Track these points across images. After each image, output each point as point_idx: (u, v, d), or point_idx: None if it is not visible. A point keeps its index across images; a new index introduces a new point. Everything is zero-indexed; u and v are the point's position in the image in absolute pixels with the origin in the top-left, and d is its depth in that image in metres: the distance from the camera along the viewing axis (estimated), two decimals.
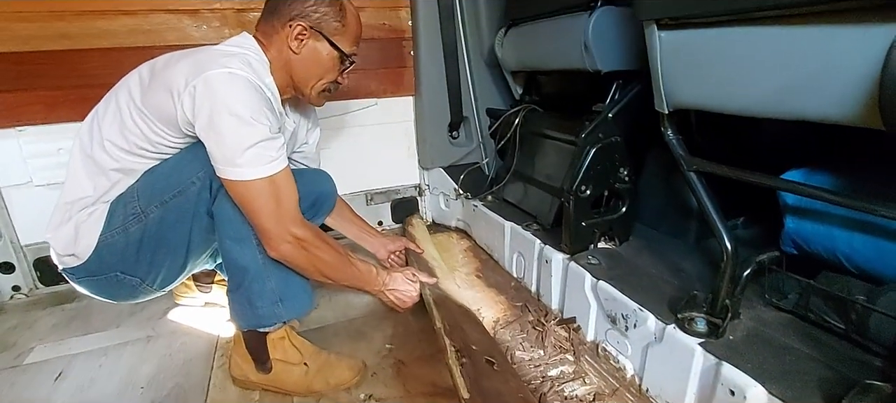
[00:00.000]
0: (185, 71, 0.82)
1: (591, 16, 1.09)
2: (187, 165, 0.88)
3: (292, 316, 0.96)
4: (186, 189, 0.87)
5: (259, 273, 0.89)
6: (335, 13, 0.95)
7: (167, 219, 0.88)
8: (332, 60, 0.98)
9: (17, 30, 1.26)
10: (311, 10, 0.93)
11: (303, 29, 0.93)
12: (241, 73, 0.83)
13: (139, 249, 0.89)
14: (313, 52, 0.96)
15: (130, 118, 0.86)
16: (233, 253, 0.89)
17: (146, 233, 0.88)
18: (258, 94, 0.84)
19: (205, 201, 0.88)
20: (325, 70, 0.99)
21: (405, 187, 1.86)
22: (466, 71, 1.70)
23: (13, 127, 1.33)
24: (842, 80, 0.60)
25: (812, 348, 0.75)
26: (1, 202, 1.36)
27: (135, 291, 0.95)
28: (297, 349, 0.98)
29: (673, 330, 0.82)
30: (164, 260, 0.93)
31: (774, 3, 0.63)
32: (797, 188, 0.74)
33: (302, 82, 0.99)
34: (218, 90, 0.80)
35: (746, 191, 0.82)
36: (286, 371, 0.97)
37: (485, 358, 0.90)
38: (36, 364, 1.11)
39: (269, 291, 0.91)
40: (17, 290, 1.43)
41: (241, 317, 0.94)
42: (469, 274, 1.41)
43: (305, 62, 0.96)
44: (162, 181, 0.88)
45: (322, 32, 0.95)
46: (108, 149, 0.87)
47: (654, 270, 1.04)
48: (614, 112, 1.11)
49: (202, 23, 1.42)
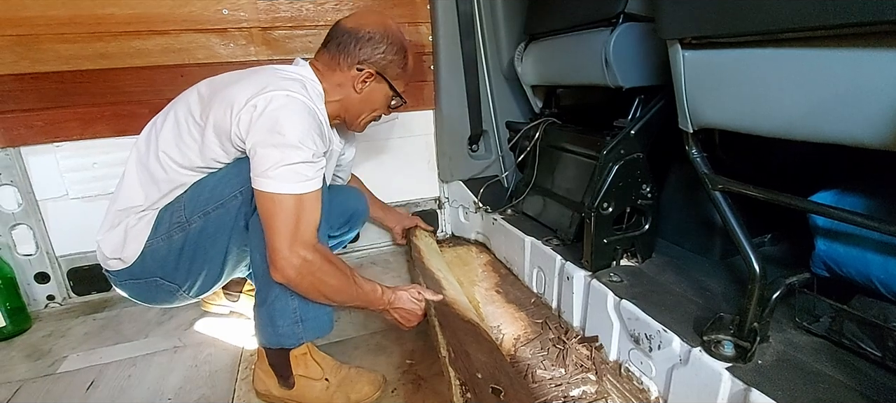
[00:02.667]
0: (247, 90, 0.87)
1: (613, 33, 1.09)
2: (231, 179, 0.91)
3: (311, 337, 0.97)
4: (228, 201, 0.91)
5: (284, 290, 0.91)
6: (400, 61, 1.05)
7: (208, 230, 0.92)
8: (387, 98, 1.09)
9: (60, 50, 1.32)
10: (381, 57, 1.01)
11: (370, 74, 1.01)
12: (299, 97, 0.88)
13: (180, 257, 0.93)
14: (372, 92, 1.05)
15: (188, 131, 0.91)
16: (264, 268, 0.90)
17: (187, 242, 0.92)
18: (311, 118, 0.88)
19: (244, 215, 0.92)
20: (377, 106, 1.09)
21: (425, 200, 1.87)
22: (486, 85, 1.71)
23: (51, 142, 1.39)
24: (871, 104, 0.59)
25: (846, 375, 0.72)
26: (38, 215, 1.42)
27: (172, 296, 1.00)
28: (318, 364, 1.00)
29: (699, 353, 0.80)
30: (202, 268, 0.97)
31: (801, 25, 0.62)
32: (828, 211, 0.72)
33: (354, 116, 1.08)
34: (275, 110, 0.84)
35: (773, 206, 0.80)
36: (308, 387, 0.98)
37: (491, 387, 0.86)
38: (69, 373, 1.15)
39: (290, 311, 0.93)
40: (52, 299, 1.49)
41: (264, 334, 0.96)
42: (488, 289, 1.41)
43: (364, 101, 1.06)
44: (206, 193, 0.92)
45: (386, 77, 1.04)
46: (162, 161, 0.92)
47: (677, 289, 1.02)
48: (637, 129, 1.10)
49: (230, 41, 1.47)
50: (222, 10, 1.43)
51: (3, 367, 1.19)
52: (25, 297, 1.43)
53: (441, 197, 1.88)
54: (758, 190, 0.79)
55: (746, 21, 0.69)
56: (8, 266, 1.38)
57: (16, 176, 1.38)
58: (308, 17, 1.53)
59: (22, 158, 1.38)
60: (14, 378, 1.13)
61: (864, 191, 0.79)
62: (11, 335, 1.32)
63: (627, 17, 1.09)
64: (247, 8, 1.46)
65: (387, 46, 1.02)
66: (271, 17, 1.49)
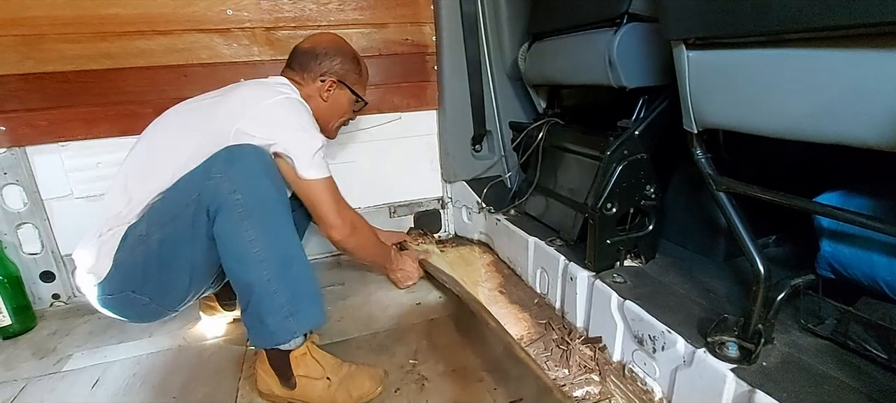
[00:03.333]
0: (250, 96, 1.03)
1: (617, 33, 1.08)
2: (183, 189, 0.92)
3: (305, 328, 0.97)
4: (181, 213, 0.91)
5: (265, 289, 0.91)
6: (356, 67, 1.22)
7: (167, 242, 0.92)
8: (350, 103, 1.25)
9: (64, 50, 1.33)
10: (339, 66, 1.18)
11: (332, 82, 1.17)
12: (294, 97, 1.07)
13: (145, 270, 0.94)
14: (337, 98, 1.21)
15: (165, 151, 0.98)
16: (236, 272, 0.91)
17: (149, 256, 0.93)
18: (308, 113, 1.08)
19: (202, 224, 0.91)
20: (344, 111, 1.25)
21: (428, 200, 1.87)
22: (489, 85, 1.71)
23: (56, 142, 1.40)
24: (877, 104, 0.59)
25: (852, 377, 0.72)
26: (43, 214, 1.43)
27: (147, 310, 0.99)
28: (319, 363, 1.00)
29: (703, 354, 0.80)
30: (169, 281, 0.97)
31: (806, 26, 0.62)
32: (834, 212, 0.72)
33: (325, 122, 1.21)
34: (283, 111, 1.02)
35: (777, 207, 0.79)
36: (310, 386, 0.98)
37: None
38: (74, 372, 1.15)
39: (278, 306, 0.92)
40: (57, 298, 1.50)
41: (257, 336, 0.96)
42: (492, 290, 1.40)
43: (331, 107, 1.21)
44: (162, 205, 0.94)
45: (346, 83, 1.20)
46: (133, 189, 0.97)
47: (681, 290, 1.02)
48: (640, 129, 1.10)
49: (232, 41, 1.47)
50: (226, 10, 1.44)
51: (8, 365, 1.19)
52: (31, 296, 1.43)
53: (444, 197, 1.88)
54: (762, 191, 0.79)
55: (751, 21, 0.69)
56: (14, 264, 1.38)
57: (21, 175, 1.39)
58: (311, 17, 1.53)
59: (27, 158, 1.39)
60: (19, 376, 1.14)
61: (869, 192, 0.78)
62: (17, 333, 1.33)
63: (631, 17, 1.08)
64: (250, 8, 1.46)
65: (342, 58, 1.19)
66: (274, 18, 1.49)
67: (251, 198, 0.89)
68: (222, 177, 0.88)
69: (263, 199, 0.91)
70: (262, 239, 0.90)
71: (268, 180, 0.93)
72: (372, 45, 1.63)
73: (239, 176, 0.89)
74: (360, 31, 1.60)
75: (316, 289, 0.99)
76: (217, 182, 0.88)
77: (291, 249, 0.95)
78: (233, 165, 0.89)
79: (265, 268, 0.90)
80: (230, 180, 0.88)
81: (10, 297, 1.32)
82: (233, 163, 0.90)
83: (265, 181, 0.92)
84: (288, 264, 0.93)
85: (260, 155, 0.94)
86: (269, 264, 0.90)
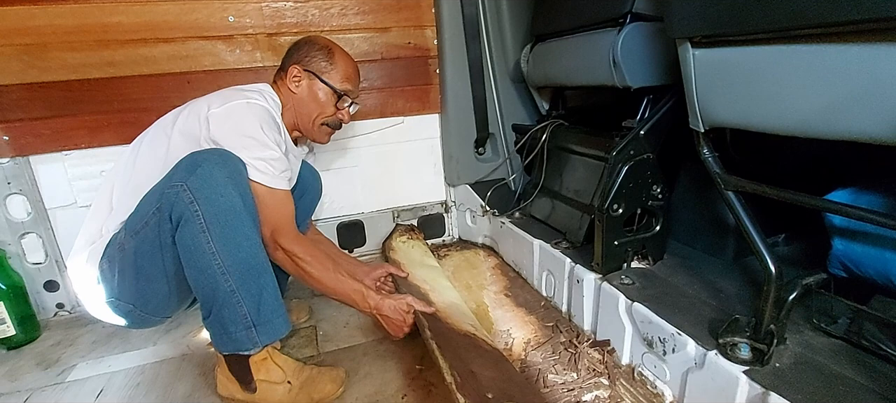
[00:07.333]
0: (213, 101, 1.00)
1: (621, 33, 1.08)
2: (149, 199, 0.93)
3: (268, 340, 0.96)
4: (149, 220, 0.91)
5: (227, 299, 0.90)
6: (324, 55, 1.15)
7: (140, 250, 0.92)
8: (327, 96, 1.15)
9: (67, 59, 1.33)
10: (304, 55, 1.14)
11: (298, 71, 1.13)
12: (258, 102, 1.03)
13: (123, 278, 0.95)
14: (309, 90, 1.14)
15: (143, 161, 1.00)
16: (198, 281, 0.90)
17: (125, 264, 0.94)
18: (271, 120, 1.03)
19: (168, 231, 0.90)
20: (321, 105, 1.15)
21: (432, 204, 1.87)
22: (492, 87, 1.71)
23: (60, 151, 1.39)
24: (888, 99, 0.58)
25: (866, 377, 0.71)
26: (47, 223, 1.43)
27: (136, 317, 1.00)
28: (279, 367, 1.00)
29: (715, 356, 0.79)
30: (148, 288, 0.97)
31: (813, 22, 0.61)
32: (846, 210, 0.71)
33: (304, 118, 1.16)
34: (239, 114, 0.99)
35: (786, 206, 0.78)
36: (270, 391, 0.98)
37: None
38: (78, 382, 1.15)
39: (241, 317, 0.92)
40: (61, 308, 1.49)
41: (219, 342, 0.95)
42: (497, 293, 1.40)
43: (304, 100, 1.14)
44: (134, 214, 0.94)
45: (312, 71, 1.14)
46: (116, 197, 1.00)
47: (690, 290, 1.01)
48: (646, 129, 1.09)
49: (236, 47, 1.47)
50: (228, 16, 1.44)
51: (13, 375, 1.19)
52: (35, 306, 1.43)
53: (448, 200, 1.87)
54: (772, 189, 0.78)
55: (757, 18, 0.69)
56: (17, 274, 1.38)
57: (25, 185, 1.38)
58: (313, 23, 1.53)
59: (31, 167, 1.39)
60: (24, 387, 1.13)
61: (881, 188, 0.77)
62: (21, 343, 1.32)
63: (635, 17, 1.08)
64: (253, 14, 1.46)
65: (309, 46, 1.15)
66: (277, 23, 1.49)
67: (210, 209, 0.86)
68: (182, 185, 0.86)
69: (224, 209, 0.87)
70: (223, 251, 0.88)
71: (231, 187, 0.89)
72: (374, 50, 1.63)
73: (199, 185, 0.86)
74: (362, 35, 1.60)
75: (279, 300, 0.98)
76: (177, 191, 0.86)
77: (255, 259, 0.92)
78: (193, 173, 0.87)
79: (227, 280, 0.89)
80: (189, 190, 0.86)
81: (14, 307, 1.31)
82: (193, 170, 0.87)
83: (228, 189, 0.88)
84: (252, 275, 0.92)
85: (225, 161, 0.91)
86: (232, 275, 0.89)
